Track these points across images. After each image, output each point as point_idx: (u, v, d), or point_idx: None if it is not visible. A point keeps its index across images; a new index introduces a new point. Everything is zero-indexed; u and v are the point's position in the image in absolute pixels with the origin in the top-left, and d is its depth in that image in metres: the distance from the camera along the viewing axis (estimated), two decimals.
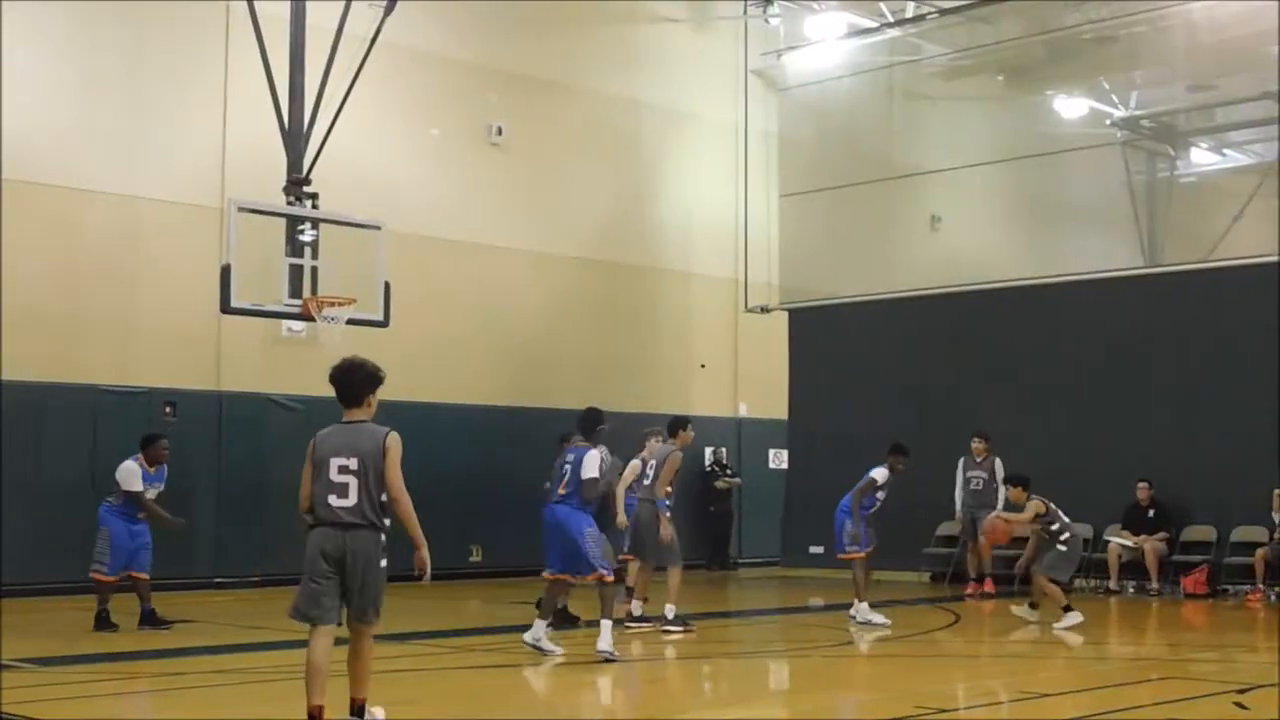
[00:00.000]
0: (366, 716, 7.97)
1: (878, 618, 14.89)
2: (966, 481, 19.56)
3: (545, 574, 12.30)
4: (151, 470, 14.16)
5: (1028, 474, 15.93)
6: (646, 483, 14.59)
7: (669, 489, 14.45)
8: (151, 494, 14.15)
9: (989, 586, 18.85)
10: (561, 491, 12.16)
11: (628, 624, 14.35)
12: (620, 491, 15.87)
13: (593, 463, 12.14)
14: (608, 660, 11.56)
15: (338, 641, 7.83)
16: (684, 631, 13.95)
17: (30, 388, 17.84)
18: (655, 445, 14.98)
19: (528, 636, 11.98)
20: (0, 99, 17.00)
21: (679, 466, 14.61)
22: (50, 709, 9.30)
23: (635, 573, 14.87)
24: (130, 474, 14.02)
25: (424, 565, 7.92)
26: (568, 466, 12.21)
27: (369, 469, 7.78)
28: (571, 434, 14.83)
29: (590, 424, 12.66)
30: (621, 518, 14.76)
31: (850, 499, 15.24)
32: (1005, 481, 17.00)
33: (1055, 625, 14.89)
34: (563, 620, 14.29)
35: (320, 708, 7.69)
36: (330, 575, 7.74)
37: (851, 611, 15.05)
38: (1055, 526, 15.31)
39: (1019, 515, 15.42)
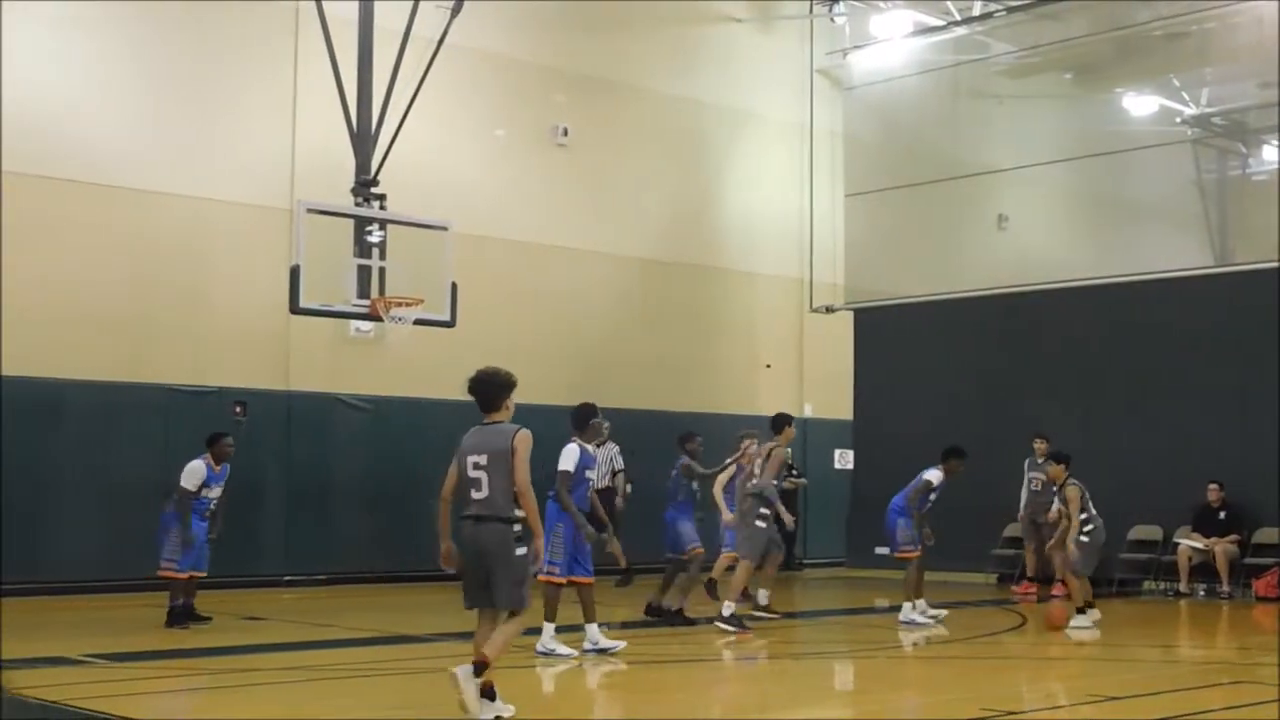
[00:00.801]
0: (479, 683, 8.18)
1: (920, 617, 14.88)
2: (1028, 482, 19.43)
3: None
4: (217, 469, 14.25)
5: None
6: (753, 482, 14.69)
7: (774, 482, 14.67)
8: (216, 492, 14.25)
9: (1058, 590, 18.65)
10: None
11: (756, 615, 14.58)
12: (717, 492, 16.06)
13: (568, 456, 12.21)
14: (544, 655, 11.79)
15: None
16: (738, 632, 13.87)
17: (103, 387, 18.09)
18: (751, 447, 15.17)
19: (586, 644, 12.08)
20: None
21: (785, 460, 15.01)
22: (121, 704, 9.41)
23: (740, 571, 14.84)
24: (190, 473, 14.05)
25: (537, 554, 8.64)
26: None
27: (498, 465, 8.50)
28: (691, 434, 15.06)
29: (582, 419, 12.66)
30: (727, 515, 15.66)
31: (905, 499, 15.22)
32: (1048, 458, 16.65)
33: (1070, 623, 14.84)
34: (680, 621, 14.45)
35: (483, 655, 8.31)
36: (470, 566, 8.52)
37: (901, 616, 15.01)
38: (1083, 516, 14.96)
39: (1071, 530, 15.03)
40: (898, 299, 23.64)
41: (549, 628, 11.98)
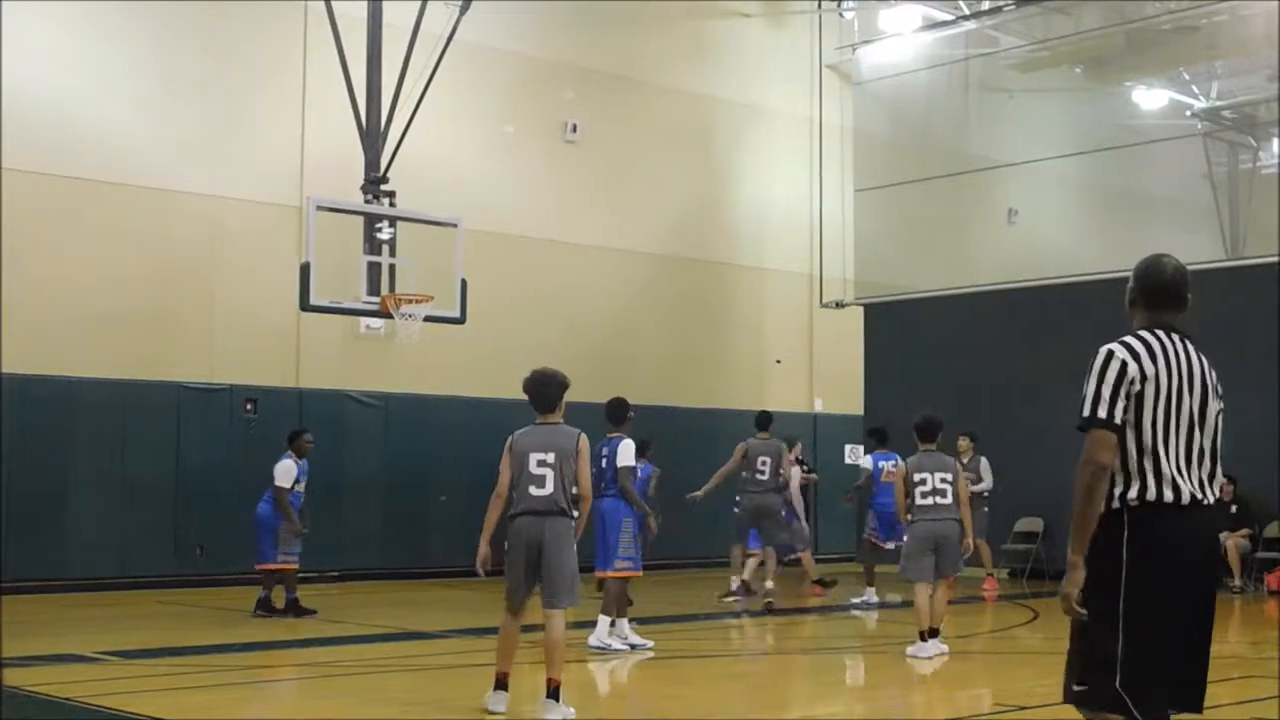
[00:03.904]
0: (561, 701, 8.49)
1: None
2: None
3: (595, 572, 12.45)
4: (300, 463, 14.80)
5: None
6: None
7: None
8: (302, 486, 14.81)
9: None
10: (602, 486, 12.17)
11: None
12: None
13: (627, 450, 12.21)
14: (599, 650, 11.85)
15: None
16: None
17: (115, 385, 18.12)
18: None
19: (593, 640, 12.08)
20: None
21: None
22: (133, 701, 9.43)
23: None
24: (284, 471, 14.59)
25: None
26: (604, 460, 12.19)
27: (564, 463, 8.65)
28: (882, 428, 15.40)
29: (619, 413, 12.65)
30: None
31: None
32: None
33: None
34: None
35: (505, 674, 8.65)
36: (525, 562, 8.56)
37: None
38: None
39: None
40: (908, 294, 23.61)
41: (605, 622, 12.02)
